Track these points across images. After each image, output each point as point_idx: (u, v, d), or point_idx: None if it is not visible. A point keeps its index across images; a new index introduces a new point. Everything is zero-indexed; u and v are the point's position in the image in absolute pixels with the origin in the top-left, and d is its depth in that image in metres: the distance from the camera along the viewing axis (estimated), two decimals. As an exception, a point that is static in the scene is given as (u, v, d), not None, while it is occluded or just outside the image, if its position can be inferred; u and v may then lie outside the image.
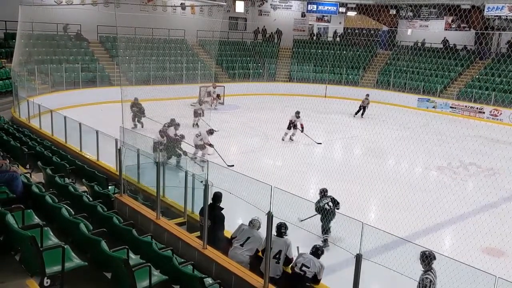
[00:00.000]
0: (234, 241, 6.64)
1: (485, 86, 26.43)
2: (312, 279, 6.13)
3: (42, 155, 9.78)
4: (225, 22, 31.66)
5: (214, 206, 6.95)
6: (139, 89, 20.07)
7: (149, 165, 8.95)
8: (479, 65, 28.55)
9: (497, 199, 11.39)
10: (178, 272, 5.18)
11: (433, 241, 9.40)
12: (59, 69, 22.59)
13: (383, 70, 31.05)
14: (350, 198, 9.92)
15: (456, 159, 15.24)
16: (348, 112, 22.37)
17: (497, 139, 17.63)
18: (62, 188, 7.61)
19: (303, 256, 6.22)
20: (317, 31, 38.33)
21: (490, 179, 13.45)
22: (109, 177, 9.25)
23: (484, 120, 23.86)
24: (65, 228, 5.85)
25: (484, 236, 8.95)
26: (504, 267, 8.20)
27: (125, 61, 23.20)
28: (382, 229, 5.23)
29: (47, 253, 4.63)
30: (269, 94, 26.60)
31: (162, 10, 29.42)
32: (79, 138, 11.84)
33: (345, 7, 33.64)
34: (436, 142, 14.38)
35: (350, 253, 4.80)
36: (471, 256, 8.26)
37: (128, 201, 7.67)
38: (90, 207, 6.78)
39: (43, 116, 14.41)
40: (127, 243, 5.42)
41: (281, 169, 13.52)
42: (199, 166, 9.73)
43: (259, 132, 16.36)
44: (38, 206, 6.36)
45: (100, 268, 5.29)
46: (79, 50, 25.74)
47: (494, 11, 26.31)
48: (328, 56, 31.61)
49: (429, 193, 11.25)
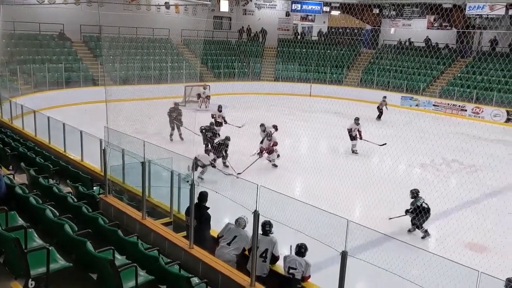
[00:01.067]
0: (221, 240, 6.65)
1: (467, 84, 26.81)
2: (301, 279, 6.16)
3: (26, 156, 9.67)
4: (210, 21, 31.60)
5: (200, 206, 6.95)
6: (124, 88, 19.92)
7: (134, 165, 8.90)
8: (460, 63, 28.95)
9: (479, 195, 11.58)
10: (164, 272, 5.17)
11: (417, 238, 9.55)
12: (42, 69, 22.33)
13: (366, 69, 31.30)
14: (335, 196, 9.99)
15: (439, 156, 15.44)
16: (331, 110, 22.47)
17: (479, 136, 17.92)
18: (46, 189, 7.54)
19: (288, 259, 6.22)
20: (302, 30, 38.47)
21: (472, 175, 13.66)
22: (93, 178, 9.19)
23: (466, 118, 24.19)
24: (50, 229, 5.81)
25: (466, 232, 9.10)
26: (486, 262, 8.35)
27: (109, 61, 23.00)
28: (367, 226, 5.29)
29: (31, 255, 4.59)
30: (254, 93, 26.60)
31: (146, 9, 29.26)
32: (63, 139, 11.72)
33: (329, 6, 33.82)
34: (419, 140, 14.54)
35: (335, 250, 4.84)
36: (454, 251, 8.40)
37: (114, 202, 7.63)
38: (75, 208, 6.73)
39: (26, 117, 14.24)
40: (113, 244, 5.39)
41: (267, 168, 13.57)
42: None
43: (245, 132, 16.35)
44: (22, 207, 6.29)
45: (85, 269, 5.26)
46: (62, 50, 25.46)
47: (475, 10, 26.68)
48: (313, 55, 31.77)
49: (413, 190, 11.37)
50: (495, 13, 26.21)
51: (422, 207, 9.42)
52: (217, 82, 27.78)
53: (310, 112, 22.73)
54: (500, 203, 10.52)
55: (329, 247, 4.93)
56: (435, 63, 29.32)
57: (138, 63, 26.20)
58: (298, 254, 6.23)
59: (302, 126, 17.65)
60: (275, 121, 15.93)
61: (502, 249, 8.89)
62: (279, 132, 15.35)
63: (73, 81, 23.50)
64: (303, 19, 37.51)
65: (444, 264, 4.82)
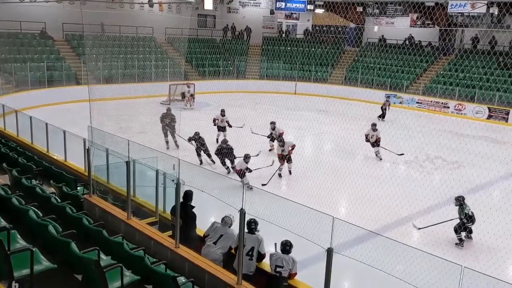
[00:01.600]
0: (207, 239, 6.63)
1: (449, 81, 27.15)
2: (288, 277, 6.18)
3: (7, 156, 9.53)
4: (194, 20, 31.47)
5: (185, 205, 6.93)
6: (107, 87, 19.78)
7: (118, 164, 8.84)
8: (443, 61, 29.31)
9: (462, 191, 11.71)
10: (150, 272, 5.15)
11: (402, 233, 9.64)
12: (24, 68, 22.00)
13: (351, 67, 31.49)
14: (321, 193, 10.05)
15: (422, 153, 15.62)
16: (316, 108, 22.58)
17: (461, 133, 18.17)
18: (29, 189, 7.44)
19: (274, 257, 6.22)
20: (286, 28, 38.54)
21: (455, 172, 13.85)
22: (77, 178, 9.09)
23: (449, 115, 24.52)
24: (33, 230, 5.73)
25: (450, 227, 9.23)
26: (469, 256, 8.49)
27: (92, 59, 22.81)
28: (353, 223, 5.33)
29: (14, 257, 4.53)
30: (239, 92, 26.61)
31: (129, 7, 29.01)
32: (46, 139, 11.58)
33: (313, 4, 33.91)
34: (403, 137, 14.70)
35: (321, 247, 4.86)
36: (438, 246, 8.51)
37: (98, 202, 7.57)
38: (58, 208, 6.66)
39: (7, 117, 14.02)
40: (98, 244, 5.35)
41: (252, 166, 13.57)
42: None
43: (230, 130, 16.34)
44: (4, 208, 6.21)
45: (70, 270, 5.21)
46: (44, 49, 25.12)
47: (457, 8, 27.02)
48: (297, 53, 31.86)
49: (397, 187, 11.51)
50: (476, 11, 26.57)
51: (470, 216, 9.11)
52: (202, 81, 27.70)
53: (295, 110, 22.80)
54: (482, 199, 10.68)
55: (315, 244, 4.95)
56: (418, 61, 29.64)
57: (121, 61, 26.00)
58: (283, 251, 6.23)
59: (287, 124, 17.65)
60: (260, 119, 15.93)
61: (484, 244, 9.04)
62: (266, 130, 15.39)
63: (55, 80, 23.21)
64: (287, 17, 37.60)
65: (429, 259, 4.88)
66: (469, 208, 9.23)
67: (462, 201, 9.28)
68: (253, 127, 15.29)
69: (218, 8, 34.12)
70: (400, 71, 29.58)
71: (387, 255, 5.59)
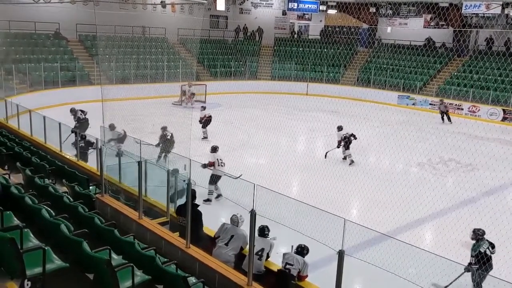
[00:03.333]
0: (218, 241, 6.63)
1: (464, 83, 26.87)
2: (297, 276, 6.19)
3: (21, 155, 9.62)
4: (206, 20, 31.57)
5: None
6: (120, 88, 19.89)
7: (130, 164, 8.88)
8: (457, 62, 29.01)
9: (476, 194, 11.60)
10: (161, 272, 5.15)
11: (414, 236, 9.53)
12: (38, 68, 22.24)
13: (363, 68, 31.32)
14: (332, 195, 10.00)
15: (436, 155, 15.47)
16: (328, 109, 22.49)
17: (476, 135, 17.96)
18: (42, 189, 7.49)
19: (286, 255, 6.28)
20: (298, 29, 38.46)
21: (469, 174, 13.69)
22: (90, 178, 9.14)
23: (462, 117, 24.25)
24: (46, 229, 5.77)
25: (463, 231, 9.10)
26: (483, 260, 8.35)
27: (105, 60, 22.97)
28: (364, 225, 5.29)
29: (27, 255, 4.56)
30: (251, 92, 26.62)
31: (142, 8, 29.17)
32: (59, 138, 11.68)
33: (325, 5, 33.80)
34: (416, 139, 14.58)
35: (332, 249, 4.83)
36: (451, 250, 8.41)
37: (110, 201, 7.60)
38: (71, 207, 6.69)
39: (21, 116, 14.17)
40: (109, 244, 5.36)
41: (264, 167, 13.55)
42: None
43: (241, 131, 16.36)
44: (17, 207, 6.25)
45: (82, 269, 5.23)
46: (57, 49, 25.37)
47: (472, 9, 26.74)
48: (309, 54, 31.76)
49: (410, 189, 11.39)
50: (491, 12, 26.28)
51: (485, 255, 7.19)
52: (214, 81, 27.75)
53: (306, 111, 22.74)
54: (496, 202, 10.54)
55: (327, 246, 4.92)
56: (431, 62, 29.38)
57: (134, 62, 26.15)
58: (299, 253, 6.30)
59: (299, 125, 17.64)
60: (272, 120, 15.92)
61: (498, 248, 8.91)
62: (278, 131, 15.37)
63: (69, 80, 23.42)
64: (299, 18, 37.51)
65: (441, 262, 4.82)
66: (487, 246, 7.35)
67: (481, 236, 7.45)
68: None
69: (230, 9, 34.16)
70: (414, 72, 29.35)
71: (399, 258, 5.55)
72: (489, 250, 7.26)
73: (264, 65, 32.35)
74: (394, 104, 26.23)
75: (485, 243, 7.35)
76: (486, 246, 7.27)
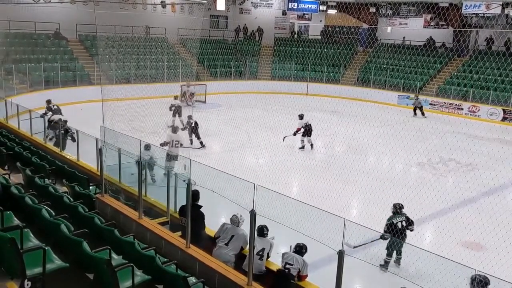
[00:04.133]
0: (219, 241, 6.63)
1: (463, 83, 26.87)
2: (297, 276, 6.19)
3: (21, 155, 9.62)
4: (206, 20, 31.58)
5: (192, 205, 6.93)
6: (120, 88, 19.88)
7: (130, 164, 8.88)
8: (457, 62, 29.01)
9: (476, 194, 11.60)
10: (161, 272, 5.15)
11: (414, 236, 9.54)
12: (38, 68, 22.24)
13: (363, 68, 31.32)
14: (332, 195, 9.99)
15: (435, 155, 15.47)
16: (328, 109, 22.49)
17: (475, 135, 17.96)
18: (42, 189, 7.50)
19: (286, 255, 6.27)
20: (298, 29, 38.46)
21: (469, 174, 13.69)
22: (90, 177, 9.15)
23: (462, 117, 24.25)
24: (46, 229, 5.77)
25: (463, 231, 9.11)
26: (483, 260, 8.36)
27: (105, 60, 22.95)
28: (364, 225, 5.29)
29: (27, 255, 4.56)
30: (251, 92, 26.62)
31: (142, 8, 29.17)
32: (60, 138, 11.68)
33: (325, 5, 33.81)
34: (416, 139, 14.58)
35: (332, 249, 4.83)
36: (451, 250, 8.41)
37: (110, 201, 7.60)
38: (71, 207, 6.70)
39: (21, 116, 14.18)
40: (109, 244, 5.37)
41: (264, 167, 13.55)
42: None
43: (241, 131, 16.37)
44: (18, 207, 6.26)
45: (82, 269, 5.23)
46: (58, 49, 25.36)
47: (472, 9, 26.74)
48: (309, 54, 31.76)
49: (410, 189, 11.38)
50: (491, 12, 26.28)
51: (395, 227, 8.01)
52: (214, 81, 27.75)
53: (306, 111, 22.65)
54: (496, 202, 10.54)
55: (327, 246, 4.92)
56: (431, 62, 29.38)
57: (134, 62, 26.15)
58: (297, 252, 6.28)
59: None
60: (272, 120, 15.91)
61: (498, 248, 8.91)
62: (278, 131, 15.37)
63: (69, 80, 23.42)
64: (299, 18, 37.51)
65: (441, 262, 4.82)
66: (401, 220, 8.13)
67: (397, 210, 8.30)
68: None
69: (230, 9, 34.16)
70: (414, 72, 29.35)
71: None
72: (401, 224, 8.07)
73: (264, 65, 32.35)
74: (394, 104, 26.23)
75: (400, 216, 8.17)
76: (400, 220, 8.11)
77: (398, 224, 8.04)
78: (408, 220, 8.23)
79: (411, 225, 8.22)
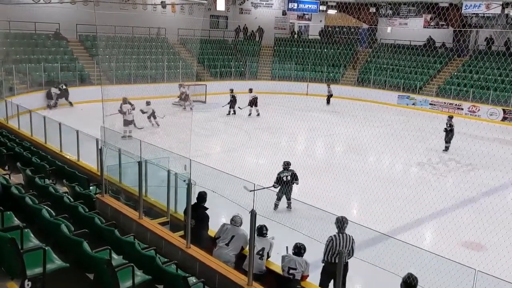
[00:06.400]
0: (219, 241, 6.62)
1: (463, 83, 26.87)
2: (301, 279, 6.14)
3: (21, 156, 9.63)
4: (206, 21, 31.57)
5: (198, 206, 6.93)
6: (120, 88, 19.90)
7: (131, 164, 8.88)
8: (457, 62, 29.01)
9: (476, 194, 11.60)
10: (161, 272, 5.16)
11: (414, 236, 9.54)
12: (38, 68, 22.25)
13: (363, 68, 31.32)
14: (332, 194, 10.01)
15: (436, 155, 15.47)
16: (328, 109, 22.51)
17: (475, 135, 17.95)
18: (42, 189, 7.50)
19: (287, 259, 6.18)
20: (298, 29, 38.46)
21: (469, 174, 13.70)
22: (90, 178, 9.15)
23: (462, 117, 24.23)
24: (46, 229, 5.78)
25: (463, 231, 9.11)
26: (483, 260, 8.37)
27: (105, 60, 22.94)
28: (364, 225, 5.30)
29: (27, 255, 4.56)
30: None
31: (142, 8, 29.16)
32: (59, 138, 11.68)
33: (325, 5, 33.80)
34: (416, 139, 14.59)
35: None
36: (451, 250, 8.42)
37: (110, 202, 7.60)
38: (71, 208, 6.70)
39: (21, 116, 14.19)
40: (110, 244, 5.37)
41: (264, 167, 13.55)
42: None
43: (241, 130, 16.37)
44: (18, 207, 6.26)
45: (82, 269, 5.24)
46: (58, 49, 25.35)
47: (472, 9, 26.74)
48: (309, 54, 31.76)
49: (410, 189, 11.40)
50: (491, 12, 26.28)
51: (281, 179, 10.06)
52: (214, 82, 27.75)
53: (307, 111, 22.73)
54: (496, 202, 10.54)
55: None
56: (431, 62, 29.38)
57: (134, 62, 26.14)
58: (296, 254, 6.18)
59: (299, 125, 17.62)
60: (272, 120, 15.90)
61: (498, 248, 8.92)
62: (278, 131, 15.37)
63: (69, 80, 23.41)
64: (299, 18, 37.52)
65: (441, 262, 4.82)
66: (286, 175, 10.13)
67: (285, 167, 10.29)
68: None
69: (230, 9, 34.16)
70: (414, 72, 29.35)
71: (399, 257, 5.55)
72: (286, 177, 10.13)
73: (264, 65, 32.35)
74: (394, 104, 26.24)
75: (287, 172, 10.20)
76: (286, 174, 10.16)
77: (283, 177, 10.13)
78: (294, 175, 10.22)
79: (296, 180, 10.25)
